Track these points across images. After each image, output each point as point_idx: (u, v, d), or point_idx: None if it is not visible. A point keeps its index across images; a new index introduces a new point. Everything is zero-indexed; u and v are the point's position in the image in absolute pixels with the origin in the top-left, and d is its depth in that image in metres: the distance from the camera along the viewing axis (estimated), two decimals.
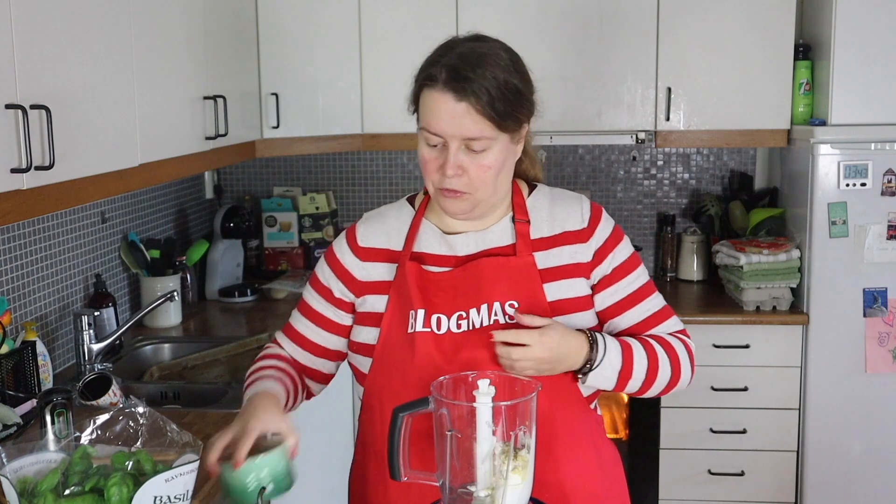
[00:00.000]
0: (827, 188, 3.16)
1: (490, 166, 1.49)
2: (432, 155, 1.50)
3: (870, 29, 3.11)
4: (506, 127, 1.48)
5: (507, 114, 1.47)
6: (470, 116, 1.45)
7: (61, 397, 1.62)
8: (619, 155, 3.88)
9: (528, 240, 1.56)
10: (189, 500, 1.43)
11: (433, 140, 1.49)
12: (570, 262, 1.56)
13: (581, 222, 1.58)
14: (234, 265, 3.66)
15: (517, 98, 1.49)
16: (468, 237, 1.58)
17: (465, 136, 1.46)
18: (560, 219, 1.59)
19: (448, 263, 1.57)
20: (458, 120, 1.45)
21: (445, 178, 1.48)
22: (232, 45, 3.00)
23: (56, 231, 2.62)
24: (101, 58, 2.03)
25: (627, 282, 1.60)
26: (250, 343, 2.86)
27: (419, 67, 1.53)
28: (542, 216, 1.59)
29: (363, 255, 1.62)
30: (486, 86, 1.44)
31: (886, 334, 3.17)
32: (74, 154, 1.88)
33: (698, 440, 3.34)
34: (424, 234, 1.60)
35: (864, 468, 3.24)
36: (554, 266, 1.55)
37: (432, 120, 1.47)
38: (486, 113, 1.45)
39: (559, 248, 1.56)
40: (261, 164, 3.98)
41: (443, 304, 1.53)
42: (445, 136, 1.47)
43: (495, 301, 1.52)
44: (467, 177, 1.48)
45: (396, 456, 1.35)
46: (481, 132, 1.46)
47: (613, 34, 3.37)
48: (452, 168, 1.47)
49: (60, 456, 1.43)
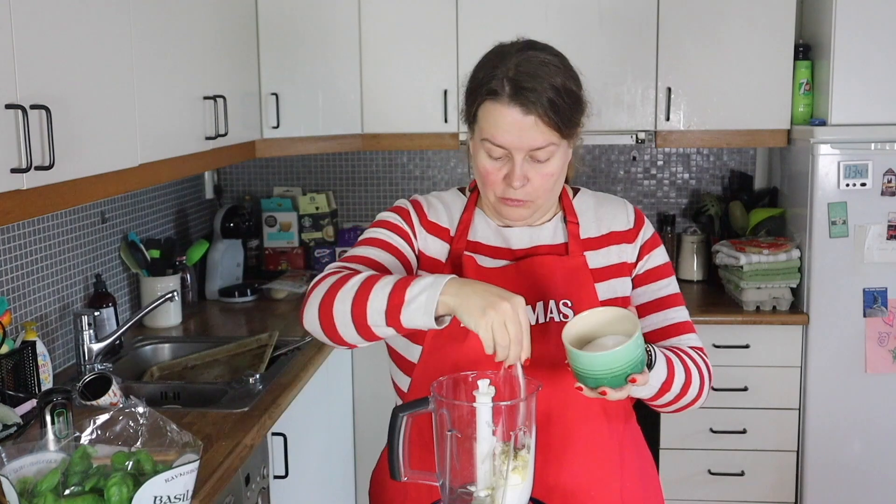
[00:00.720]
0: (827, 188, 3.16)
1: (552, 174, 1.52)
2: (495, 166, 1.51)
3: (870, 29, 3.11)
4: (569, 133, 1.51)
5: (570, 120, 1.49)
6: (538, 129, 1.46)
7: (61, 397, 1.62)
8: (619, 155, 3.88)
9: (580, 240, 1.60)
10: (189, 500, 1.43)
11: (497, 152, 1.50)
12: (618, 261, 1.60)
13: (627, 223, 1.64)
14: (234, 265, 3.66)
15: (576, 102, 1.52)
16: (522, 231, 1.61)
17: (532, 147, 1.48)
18: (607, 219, 1.64)
19: (502, 256, 1.59)
20: (525, 133, 1.46)
21: (510, 188, 1.51)
22: (232, 45, 3.00)
23: (56, 231, 2.62)
24: (101, 58, 2.03)
25: (658, 286, 1.63)
26: (250, 343, 2.86)
27: (473, 78, 1.53)
28: (589, 217, 1.64)
29: (427, 226, 1.63)
30: (550, 96, 1.46)
31: (886, 334, 3.17)
32: (74, 154, 1.89)
33: (698, 440, 3.34)
34: (479, 224, 1.63)
35: (864, 468, 3.24)
36: (604, 266, 1.59)
37: (497, 133, 1.48)
38: (552, 124, 1.46)
39: (608, 248, 1.61)
40: (261, 164, 3.98)
41: None
42: (511, 149, 1.48)
43: (551, 299, 1.54)
44: (531, 186, 1.51)
45: (396, 456, 1.35)
46: (547, 142, 1.48)
47: (613, 34, 3.37)
48: (520, 179, 1.49)
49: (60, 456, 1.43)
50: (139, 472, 1.42)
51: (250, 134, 3.20)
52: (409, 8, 3.42)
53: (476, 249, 1.59)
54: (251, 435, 2.10)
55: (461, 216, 1.63)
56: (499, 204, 1.55)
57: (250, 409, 2.25)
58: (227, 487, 1.92)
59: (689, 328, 1.64)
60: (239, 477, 2.04)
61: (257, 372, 2.53)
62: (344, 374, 3.22)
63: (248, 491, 2.12)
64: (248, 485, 2.12)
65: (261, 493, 2.24)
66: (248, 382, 2.42)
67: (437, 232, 1.62)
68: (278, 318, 3.23)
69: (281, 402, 2.35)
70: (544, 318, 1.53)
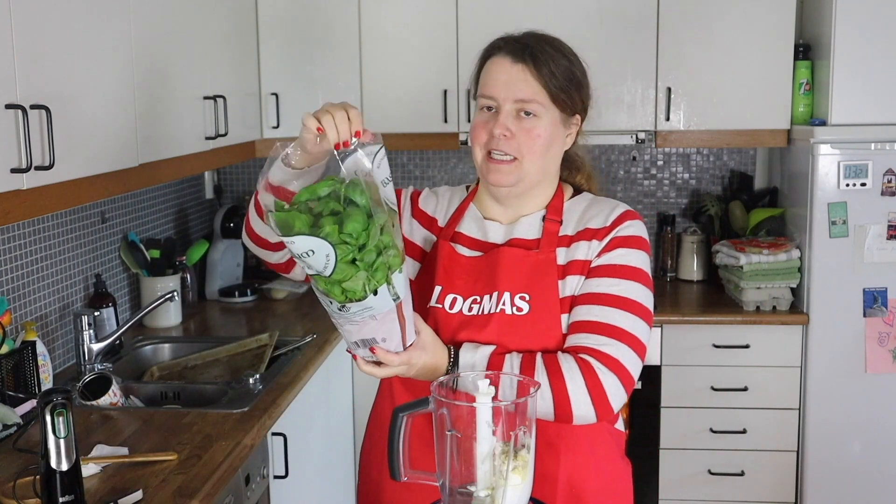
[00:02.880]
0: (827, 188, 3.16)
1: (539, 135, 1.53)
2: (483, 119, 1.55)
3: (870, 29, 3.11)
4: (558, 100, 1.53)
5: (562, 87, 1.53)
6: (524, 78, 1.51)
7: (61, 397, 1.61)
8: (619, 155, 3.88)
9: (554, 237, 1.58)
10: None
11: (487, 103, 1.54)
12: (584, 258, 1.56)
13: (605, 221, 1.58)
14: (234, 265, 3.66)
15: (573, 79, 1.56)
16: (500, 226, 1.62)
17: (517, 98, 1.51)
18: (587, 218, 1.60)
19: (479, 247, 1.61)
20: (512, 81, 1.51)
21: (493, 139, 1.52)
22: (232, 45, 3.00)
23: (56, 231, 2.62)
24: (101, 58, 2.03)
25: (603, 282, 1.52)
26: (250, 343, 2.86)
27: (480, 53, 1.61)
28: (573, 217, 1.61)
29: (417, 215, 1.69)
30: (544, 55, 1.52)
31: (886, 334, 3.17)
32: (74, 154, 1.89)
33: (698, 440, 3.34)
34: (468, 217, 1.65)
35: (864, 468, 3.24)
36: (569, 261, 1.56)
37: (488, 83, 1.54)
38: (540, 79, 1.51)
39: (576, 244, 1.57)
40: (261, 164, 3.97)
41: (462, 286, 1.57)
42: (498, 99, 1.52)
43: (506, 291, 1.54)
44: (516, 142, 1.52)
45: (396, 456, 1.35)
46: (534, 95, 1.51)
47: (613, 34, 3.37)
48: (500, 127, 1.52)
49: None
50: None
51: (250, 134, 3.20)
52: (409, 8, 3.42)
53: (456, 239, 1.63)
54: (251, 435, 2.10)
55: (457, 208, 1.67)
56: (485, 164, 1.56)
57: (250, 409, 2.25)
58: (227, 487, 1.93)
59: (612, 332, 1.47)
60: (239, 477, 2.05)
61: (257, 372, 2.53)
62: (344, 374, 3.22)
63: (248, 491, 2.12)
64: (248, 485, 2.12)
65: (261, 494, 2.24)
66: (248, 382, 2.42)
67: (425, 221, 1.67)
68: (278, 318, 3.23)
69: (281, 402, 2.35)
70: (496, 308, 1.53)
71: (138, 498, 1.75)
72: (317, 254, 1.27)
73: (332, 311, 1.37)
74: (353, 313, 1.34)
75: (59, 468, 1.62)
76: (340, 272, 1.29)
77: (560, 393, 1.44)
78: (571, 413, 1.45)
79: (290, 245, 1.28)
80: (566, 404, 1.44)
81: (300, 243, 1.27)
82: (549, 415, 1.46)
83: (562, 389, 1.44)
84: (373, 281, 1.32)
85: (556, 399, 1.44)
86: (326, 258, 1.28)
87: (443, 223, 1.66)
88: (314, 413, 2.82)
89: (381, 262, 1.32)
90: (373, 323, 1.37)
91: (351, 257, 1.29)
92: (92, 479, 1.82)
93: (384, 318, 1.37)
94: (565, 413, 1.45)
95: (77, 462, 1.65)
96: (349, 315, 1.35)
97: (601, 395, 1.45)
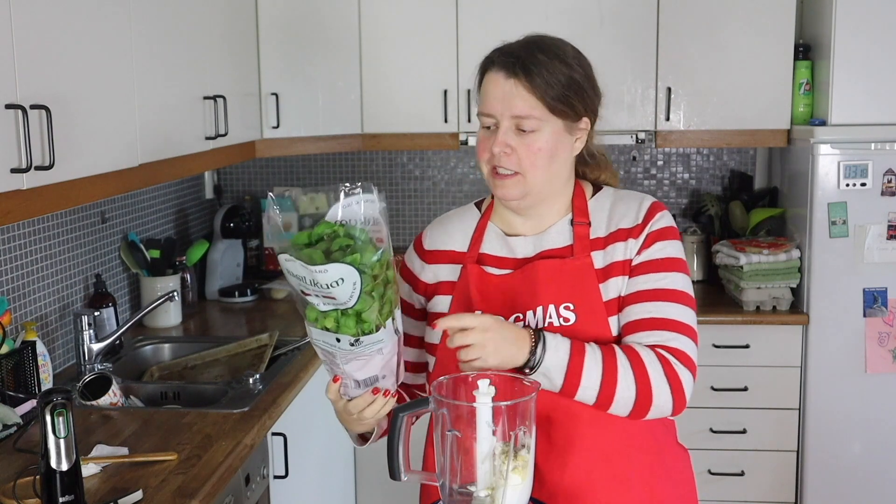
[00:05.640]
0: (827, 188, 3.16)
1: (540, 149, 1.50)
2: (486, 135, 1.54)
3: (870, 29, 3.11)
4: (557, 111, 1.50)
5: (559, 97, 1.49)
6: (519, 93, 1.48)
7: (61, 397, 1.61)
8: (619, 155, 3.88)
9: (587, 241, 1.56)
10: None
11: (486, 122, 1.53)
12: (622, 258, 1.54)
13: (636, 219, 1.56)
14: (234, 265, 3.66)
15: (572, 85, 1.52)
16: (527, 240, 1.59)
17: (513, 114, 1.49)
18: (617, 217, 1.58)
19: (508, 265, 1.58)
20: (507, 97, 1.49)
21: (494, 156, 1.51)
22: (232, 45, 3.00)
23: (56, 231, 2.62)
24: (101, 58, 2.03)
25: (652, 278, 1.52)
26: (250, 343, 2.86)
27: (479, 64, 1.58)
28: (602, 217, 1.59)
29: (428, 257, 1.65)
30: (537, 66, 1.48)
31: (886, 334, 3.17)
32: (74, 154, 1.89)
33: (698, 440, 3.33)
34: (489, 237, 1.62)
35: (864, 468, 3.24)
36: (609, 264, 1.54)
37: (486, 101, 1.52)
38: (535, 92, 1.48)
39: (612, 246, 1.55)
40: (261, 164, 3.98)
41: (501, 306, 1.54)
42: (496, 116, 1.50)
43: (550, 304, 1.51)
44: (516, 157, 1.50)
45: (396, 456, 1.35)
46: (530, 111, 1.48)
47: (613, 34, 3.37)
48: (499, 145, 1.50)
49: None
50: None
51: (250, 134, 3.20)
52: (409, 8, 3.42)
53: (483, 261, 1.59)
54: (251, 435, 2.10)
55: (474, 231, 1.63)
56: (491, 180, 1.55)
57: (250, 409, 2.25)
58: (227, 487, 1.93)
59: (672, 326, 1.49)
60: (239, 477, 2.05)
61: (257, 372, 2.53)
62: None
63: (248, 491, 2.12)
64: (248, 485, 2.12)
65: (261, 494, 2.24)
66: (248, 382, 2.42)
67: (439, 258, 1.64)
68: (278, 318, 3.22)
69: (281, 402, 2.35)
70: (543, 322, 1.51)
71: (138, 498, 1.75)
72: (345, 282, 1.26)
73: (338, 351, 1.33)
74: (365, 346, 1.32)
75: (59, 468, 1.62)
76: (362, 302, 1.29)
77: (643, 384, 1.44)
78: (651, 404, 1.45)
79: (320, 275, 1.25)
80: (648, 394, 1.44)
81: (333, 271, 1.26)
82: (628, 405, 1.44)
83: (645, 380, 1.44)
84: (384, 312, 1.33)
85: (639, 389, 1.43)
86: (353, 286, 1.27)
87: (463, 248, 1.62)
88: (314, 413, 2.82)
89: (390, 295, 1.33)
90: (378, 358, 1.35)
91: (370, 287, 1.29)
92: (92, 479, 1.82)
93: (389, 352, 1.37)
94: (645, 403, 1.44)
95: (77, 462, 1.65)
96: (360, 350, 1.33)
97: (679, 388, 1.47)
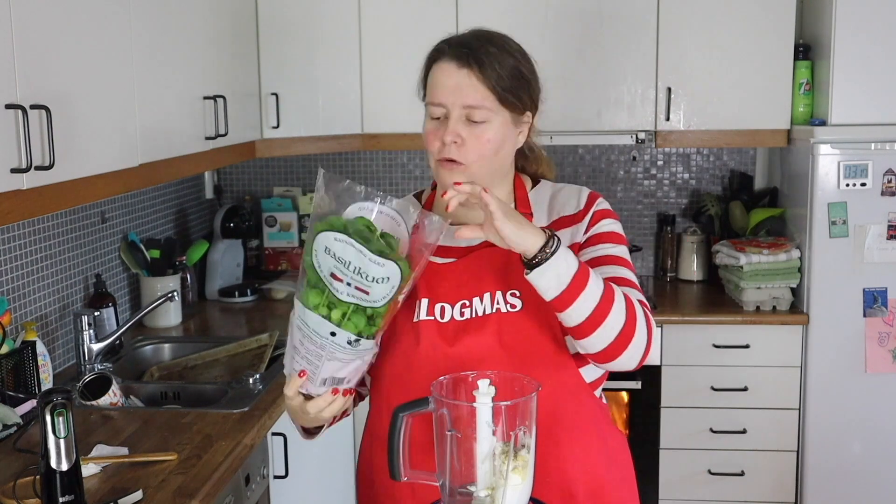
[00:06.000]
0: (827, 188, 3.16)
1: (490, 140, 1.51)
2: (434, 126, 1.54)
3: (870, 29, 3.11)
4: (507, 102, 1.51)
5: (509, 89, 1.51)
6: (471, 83, 1.49)
7: (61, 397, 1.61)
8: (619, 155, 3.88)
9: None
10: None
11: (436, 112, 1.53)
12: (569, 243, 1.56)
13: (577, 206, 1.61)
14: (234, 265, 3.66)
15: (520, 78, 1.53)
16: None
17: (465, 104, 1.49)
18: (558, 206, 1.61)
19: (452, 254, 1.58)
20: (459, 87, 1.49)
21: (444, 146, 1.51)
22: (232, 45, 3.00)
23: (56, 231, 2.62)
24: (101, 58, 2.03)
25: (598, 248, 1.56)
26: (250, 343, 2.86)
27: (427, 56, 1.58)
28: (543, 207, 1.62)
29: None
30: (489, 58, 1.50)
31: (886, 334, 3.17)
32: (74, 154, 1.89)
33: (698, 440, 3.34)
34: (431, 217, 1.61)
35: (864, 468, 3.24)
36: None
37: (435, 90, 1.52)
38: (487, 83, 1.49)
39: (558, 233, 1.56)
40: (261, 164, 3.98)
41: (447, 293, 1.55)
42: (447, 105, 1.51)
43: (497, 290, 1.53)
44: (465, 148, 1.51)
45: (396, 456, 1.35)
46: (482, 101, 1.50)
47: (613, 34, 3.37)
48: (451, 134, 1.50)
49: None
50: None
51: (250, 134, 3.20)
52: (409, 8, 3.42)
53: None
54: (251, 435, 2.10)
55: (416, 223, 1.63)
56: (438, 169, 1.55)
57: (250, 409, 2.26)
58: (227, 487, 1.93)
59: (629, 283, 1.52)
60: (239, 477, 2.05)
61: (257, 372, 2.53)
62: None
63: (248, 491, 2.12)
64: (248, 485, 2.12)
65: (261, 494, 2.24)
66: (248, 382, 2.43)
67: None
68: (278, 318, 3.23)
69: (281, 402, 2.34)
70: (491, 308, 1.52)
71: (138, 498, 1.75)
72: (389, 282, 1.29)
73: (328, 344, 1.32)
74: (359, 348, 1.33)
75: (59, 468, 1.62)
76: (386, 307, 1.31)
77: (631, 319, 1.43)
78: (630, 343, 1.43)
79: (375, 266, 1.27)
80: (631, 332, 1.43)
81: (389, 268, 1.28)
82: (611, 335, 1.42)
83: (633, 318, 1.44)
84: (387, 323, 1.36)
85: (626, 322, 1.42)
86: (392, 289, 1.30)
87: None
88: None
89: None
90: (358, 363, 1.37)
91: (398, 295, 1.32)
92: (92, 479, 1.82)
93: (367, 361, 1.39)
94: (625, 340, 1.43)
95: (77, 462, 1.65)
96: (351, 350, 1.33)
97: (650, 339, 1.48)
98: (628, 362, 1.47)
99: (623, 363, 1.47)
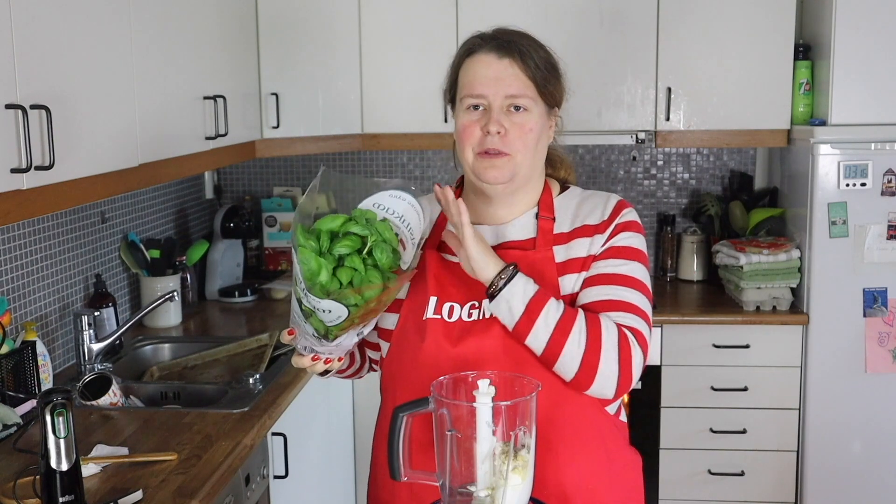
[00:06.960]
0: (827, 188, 3.16)
1: (531, 129, 1.52)
2: (473, 119, 1.53)
3: (870, 29, 3.11)
4: (544, 94, 1.54)
5: (546, 81, 1.53)
6: (514, 73, 1.51)
7: (61, 397, 1.61)
8: (619, 155, 3.88)
9: (550, 235, 1.57)
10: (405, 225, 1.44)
11: (476, 102, 1.52)
12: (585, 254, 1.55)
13: (602, 216, 1.58)
14: (234, 265, 3.66)
15: (554, 69, 1.56)
16: (488, 229, 1.59)
17: (508, 94, 1.51)
18: (583, 214, 1.59)
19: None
20: (500, 78, 1.51)
21: (487, 137, 1.51)
22: (232, 45, 3.00)
23: (56, 231, 2.62)
24: (101, 58, 2.03)
25: (613, 263, 1.53)
26: (250, 343, 2.86)
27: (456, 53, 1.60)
28: (567, 214, 1.60)
29: None
30: (528, 49, 1.52)
31: (886, 334, 3.17)
32: (74, 154, 1.89)
33: (698, 440, 3.34)
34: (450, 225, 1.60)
35: (864, 468, 3.24)
36: (568, 259, 1.55)
37: (475, 82, 1.53)
38: (528, 72, 1.51)
39: (576, 241, 1.56)
40: (261, 164, 3.98)
41: (457, 292, 1.55)
42: (488, 96, 1.51)
43: None
44: (508, 138, 1.51)
45: (396, 456, 1.35)
46: (524, 90, 1.51)
47: (613, 34, 3.37)
48: (495, 124, 1.50)
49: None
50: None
51: (250, 134, 3.20)
52: (409, 8, 3.42)
53: (443, 248, 1.60)
54: (251, 435, 2.10)
55: (438, 217, 1.64)
56: (477, 163, 1.53)
57: (250, 409, 2.26)
58: (227, 487, 1.93)
59: (627, 307, 1.49)
60: (239, 477, 2.05)
61: (257, 372, 2.53)
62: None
63: (248, 491, 2.12)
64: (248, 485, 2.12)
65: (261, 494, 2.24)
66: (248, 382, 2.42)
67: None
68: (278, 318, 3.23)
69: (281, 402, 2.35)
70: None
71: (138, 498, 1.75)
72: (332, 314, 1.35)
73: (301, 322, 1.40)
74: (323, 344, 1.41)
75: (59, 468, 1.62)
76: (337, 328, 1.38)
77: (594, 346, 1.42)
78: (597, 372, 1.43)
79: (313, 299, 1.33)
80: (596, 359, 1.42)
81: (325, 304, 1.34)
82: (573, 364, 1.43)
83: (596, 344, 1.42)
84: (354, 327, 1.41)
85: (588, 349, 1.42)
86: (337, 318, 1.35)
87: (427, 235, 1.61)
88: (314, 413, 2.82)
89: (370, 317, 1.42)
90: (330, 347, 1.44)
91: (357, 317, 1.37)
92: (92, 479, 1.82)
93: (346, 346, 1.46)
94: (591, 368, 1.42)
95: (77, 462, 1.65)
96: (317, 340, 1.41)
97: (628, 365, 1.44)
98: (601, 391, 1.46)
99: (598, 392, 1.46)
